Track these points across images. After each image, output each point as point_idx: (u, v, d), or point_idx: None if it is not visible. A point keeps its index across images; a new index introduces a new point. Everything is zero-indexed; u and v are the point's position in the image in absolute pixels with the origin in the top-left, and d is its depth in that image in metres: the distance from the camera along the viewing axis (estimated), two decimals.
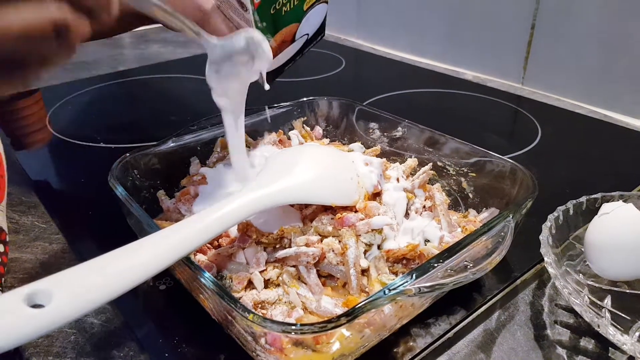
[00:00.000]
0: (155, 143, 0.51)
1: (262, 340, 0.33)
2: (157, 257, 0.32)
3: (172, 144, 0.52)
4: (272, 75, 0.53)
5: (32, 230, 0.52)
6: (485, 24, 0.94)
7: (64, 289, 0.27)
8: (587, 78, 0.82)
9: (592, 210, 0.45)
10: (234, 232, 0.42)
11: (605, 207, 0.43)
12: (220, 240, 0.42)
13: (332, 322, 0.30)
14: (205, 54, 0.41)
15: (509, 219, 0.39)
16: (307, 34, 0.53)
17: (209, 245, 0.42)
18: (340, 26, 1.25)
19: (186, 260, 0.34)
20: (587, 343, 0.38)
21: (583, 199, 0.47)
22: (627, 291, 0.42)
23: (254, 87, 0.46)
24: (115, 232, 0.41)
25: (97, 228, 0.52)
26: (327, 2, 0.54)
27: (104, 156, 0.67)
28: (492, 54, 0.95)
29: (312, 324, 0.30)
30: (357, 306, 0.30)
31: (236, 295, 0.38)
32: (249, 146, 0.54)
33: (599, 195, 0.47)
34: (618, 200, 0.45)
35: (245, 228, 0.41)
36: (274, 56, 0.49)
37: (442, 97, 0.88)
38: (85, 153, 0.68)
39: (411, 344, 0.38)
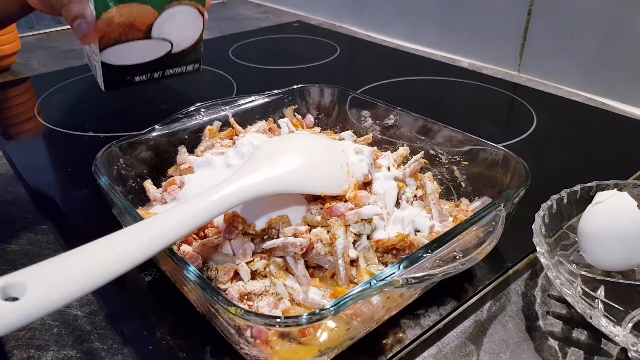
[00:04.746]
0: (141, 132, 0.50)
1: (248, 333, 0.32)
2: (137, 248, 0.31)
3: (159, 133, 0.51)
4: (116, 74, 0.45)
5: (17, 222, 0.51)
6: (481, 11, 0.92)
7: (38, 281, 0.27)
8: (585, 65, 0.81)
9: (586, 199, 0.44)
10: (220, 222, 0.41)
11: (600, 196, 0.42)
12: (206, 230, 0.41)
13: (316, 315, 0.29)
14: None
15: (501, 208, 0.38)
16: (171, 43, 0.45)
17: (194, 236, 0.41)
18: (335, 13, 1.24)
19: (168, 252, 0.33)
20: (579, 334, 0.38)
21: (577, 187, 0.46)
22: (621, 281, 0.42)
23: (248, 81, 0.45)
24: (102, 222, 0.40)
25: (83, 218, 0.51)
26: (203, 16, 0.45)
27: (91, 146, 0.65)
28: (488, 41, 0.93)
29: (295, 317, 0.29)
30: (341, 298, 0.30)
31: (222, 287, 0.38)
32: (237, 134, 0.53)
33: (593, 183, 0.46)
34: (613, 189, 0.44)
35: (232, 219, 0.40)
36: (118, 40, 0.42)
37: (438, 84, 0.87)
38: (73, 142, 0.67)
39: (400, 335, 0.37)
